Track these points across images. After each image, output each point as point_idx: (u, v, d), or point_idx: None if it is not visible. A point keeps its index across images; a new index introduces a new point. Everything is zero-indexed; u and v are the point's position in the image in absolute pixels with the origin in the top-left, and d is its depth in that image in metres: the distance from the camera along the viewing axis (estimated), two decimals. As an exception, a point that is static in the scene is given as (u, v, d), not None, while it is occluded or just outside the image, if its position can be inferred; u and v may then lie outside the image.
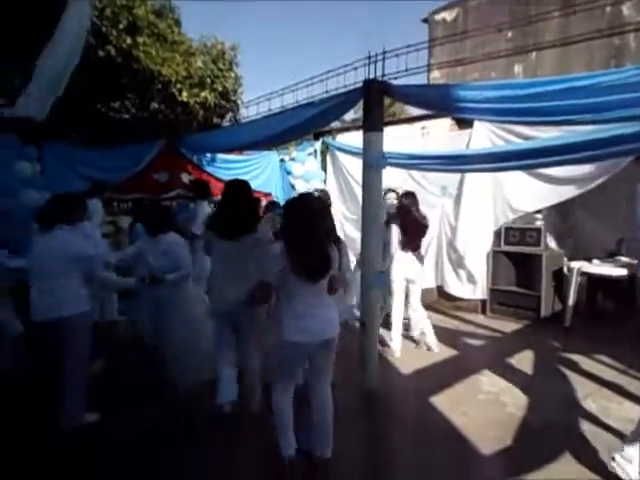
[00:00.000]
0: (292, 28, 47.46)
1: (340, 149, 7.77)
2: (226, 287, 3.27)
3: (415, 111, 8.03)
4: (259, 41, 47.47)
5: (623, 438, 2.91)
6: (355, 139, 7.80)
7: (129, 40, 6.56)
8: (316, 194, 4.67)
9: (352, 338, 4.22)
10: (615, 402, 3.85)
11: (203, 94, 6.88)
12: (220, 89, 7.15)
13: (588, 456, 3.00)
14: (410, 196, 4.98)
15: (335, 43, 46.14)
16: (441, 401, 3.84)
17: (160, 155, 6.91)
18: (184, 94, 6.75)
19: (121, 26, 6.58)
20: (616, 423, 3.43)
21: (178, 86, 6.69)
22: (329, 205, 4.90)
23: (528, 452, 3.07)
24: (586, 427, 3.39)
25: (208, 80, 7.02)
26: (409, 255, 4.88)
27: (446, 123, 6.91)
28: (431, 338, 5.03)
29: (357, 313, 4.57)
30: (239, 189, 3.47)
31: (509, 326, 6.10)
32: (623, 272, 5.54)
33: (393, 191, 5.28)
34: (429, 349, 5.02)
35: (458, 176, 6.44)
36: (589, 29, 5.27)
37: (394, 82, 3.97)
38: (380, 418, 3.63)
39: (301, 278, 2.59)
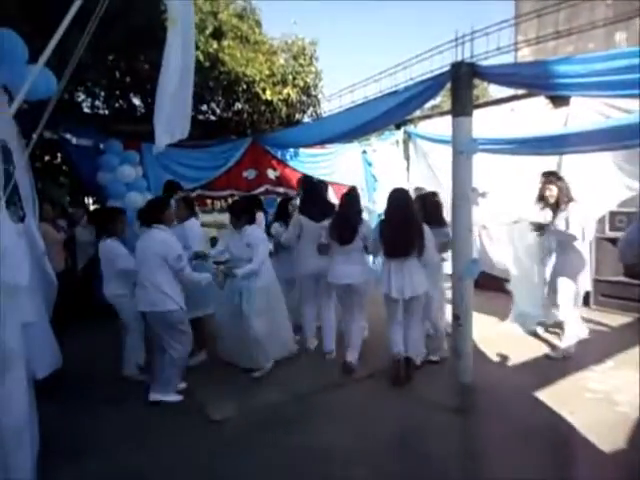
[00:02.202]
0: (372, 18, 46.53)
1: (423, 137, 7.56)
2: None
3: (500, 93, 7.63)
4: (341, 33, 47.19)
5: None
6: (437, 126, 7.57)
7: (215, 45, 6.86)
8: None
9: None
10: None
11: (285, 91, 7.03)
12: (301, 85, 7.26)
13: None
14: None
15: (419, 27, 44.60)
16: (544, 399, 3.63)
17: (247, 153, 7.19)
18: (267, 92, 6.93)
19: (207, 32, 6.90)
20: None
21: (262, 85, 6.88)
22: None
23: (646, 457, 2.81)
24: None
25: (290, 77, 7.15)
26: None
27: (539, 103, 6.45)
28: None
29: None
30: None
31: (616, 319, 5.61)
32: None
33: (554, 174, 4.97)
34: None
35: (553, 160, 5.98)
36: None
37: (484, 63, 3.75)
38: (477, 415, 3.48)
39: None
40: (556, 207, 4.58)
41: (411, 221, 3.90)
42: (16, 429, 2.08)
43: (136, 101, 7.92)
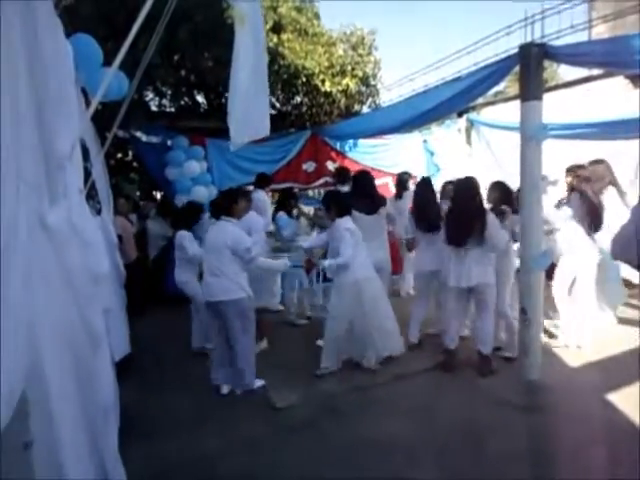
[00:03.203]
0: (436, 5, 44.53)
1: (488, 125, 7.27)
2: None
3: (572, 75, 7.15)
4: (401, 19, 45.76)
5: None
6: (502, 113, 7.23)
7: (275, 39, 6.95)
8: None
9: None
10: None
11: (345, 82, 7.00)
12: (360, 75, 7.20)
13: None
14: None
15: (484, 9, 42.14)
16: (618, 399, 3.40)
17: (306, 145, 7.25)
18: (326, 84, 6.94)
19: (267, 26, 7.00)
20: None
21: (321, 77, 6.90)
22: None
23: None
24: None
25: (349, 67, 7.10)
26: None
27: (617, 83, 6.00)
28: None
29: None
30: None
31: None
32: None
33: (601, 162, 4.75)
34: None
35: (635, 145, 5.52)
36: None
37: (555, 43, 3.54)
38: (544, 414, 3.32)
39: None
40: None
41: (475, 211, 3.83)
42: (106, 407, 2.21)
43: (200, 98, 8.20)
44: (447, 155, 7.83)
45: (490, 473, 2.69)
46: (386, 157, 7.84)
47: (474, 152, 7.89)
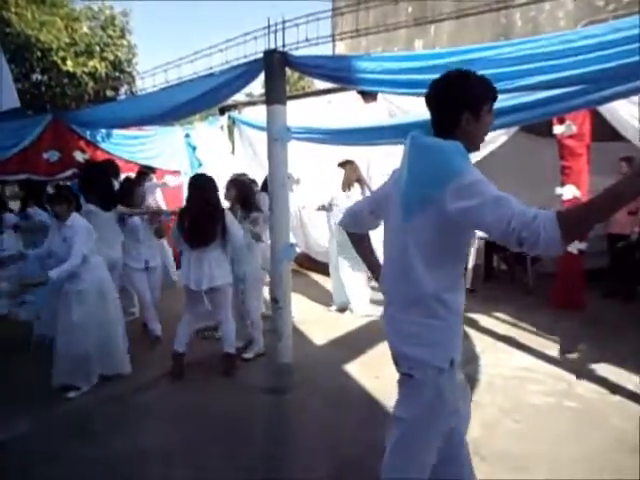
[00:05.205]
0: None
1: (246, 124, 7.58)
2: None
3: (322, 85, 8.02)
4: (152, 6, 43.81)
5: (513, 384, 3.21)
6: (261, 113, 7.63)
7: (-4, -1, 5.77)
8: None
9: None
10: (507, 353, 4.27)
11: (91, 63, 6.23)
12: (111, 58, 6.54)
13: (485, 403, 3.31)
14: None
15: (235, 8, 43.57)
16: (355, 368, 3.97)
17: (47, 131, 6.26)
18: (68, 63, 6.06)
19: (-14, -17, 5.77)
20: (508, 372, 3.81)
21: (61, 54, 5.99)
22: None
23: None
24: (483, 377, 3.72)
25: (97, 48, 6.36)
26: None
27: (352, 97, 6.95)
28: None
29: None
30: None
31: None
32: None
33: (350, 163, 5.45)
34: None
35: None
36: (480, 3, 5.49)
37: (296, 53, 3.87)
38: (294, 392, 3.63)
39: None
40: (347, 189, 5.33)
41: (212, 209, 3.72)
42: None
43: None
44: (210, 151, 7.86)
45: (244, 459, 2.80)
46: (146, 150, 7.39)
47: (236, 149, 8.13)
